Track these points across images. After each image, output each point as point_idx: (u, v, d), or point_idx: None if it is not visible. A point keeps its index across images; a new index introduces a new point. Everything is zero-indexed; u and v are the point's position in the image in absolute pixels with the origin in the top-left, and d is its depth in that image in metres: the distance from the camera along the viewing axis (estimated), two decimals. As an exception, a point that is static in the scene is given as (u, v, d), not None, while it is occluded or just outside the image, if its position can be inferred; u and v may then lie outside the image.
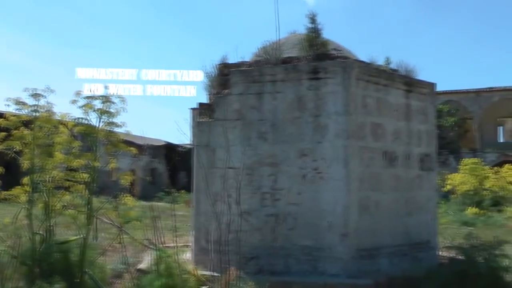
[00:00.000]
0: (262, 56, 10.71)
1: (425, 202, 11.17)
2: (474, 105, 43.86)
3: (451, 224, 22.46)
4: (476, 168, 30.55)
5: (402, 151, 10.65)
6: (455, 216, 25.08)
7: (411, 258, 10.34)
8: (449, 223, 22.85)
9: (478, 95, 43.96)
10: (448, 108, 42.53)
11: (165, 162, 49.91)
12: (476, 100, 43.88)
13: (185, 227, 16.24)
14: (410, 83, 11.00)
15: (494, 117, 45.74)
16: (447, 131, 41.71)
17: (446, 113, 42.01)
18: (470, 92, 44.15)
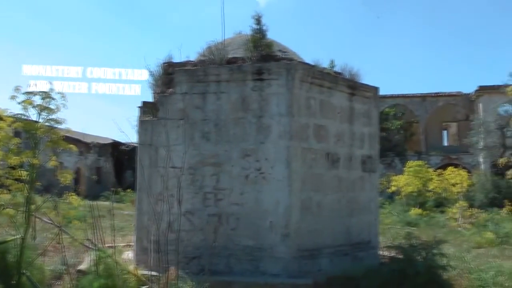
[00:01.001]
0: (207, 56, 10.67)
1: (367, 203, 11.37)
2: (420, 109, 44.78)
3: (395, 225, 22.89)
4: (420, 170, 31.18)
5: (345, 153, 10.81)
6: (399, 216, 25.57)
7: (352, 258, 10.53)
8: (393, 223, 23.30)
9: (424, 100, 44.88)
10: (395, 111, 43.40)
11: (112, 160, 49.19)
12: (422, 105, 44.81)
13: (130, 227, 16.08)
14: (353, 86, 11.17)
15: (439, 121, 46.80)
16: (393, 134, 42.55)
17: (392, 116, 42.86)
18: (416, 97, 45.04)
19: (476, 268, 11.10)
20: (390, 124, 42.22)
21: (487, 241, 17.45)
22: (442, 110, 45.53)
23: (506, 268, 10.80)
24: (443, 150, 44.87)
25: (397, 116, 43.29)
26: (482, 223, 22.54)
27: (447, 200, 29.79)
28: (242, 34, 12.09)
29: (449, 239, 18.07)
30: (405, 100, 45.20)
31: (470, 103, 43.36)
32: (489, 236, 18.03)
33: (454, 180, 31.11)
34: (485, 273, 10.33)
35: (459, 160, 41.52)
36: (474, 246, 16.83)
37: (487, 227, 20.78)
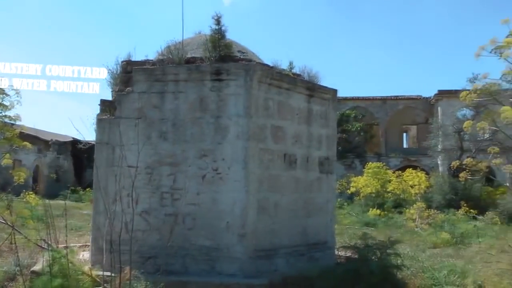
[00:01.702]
0: (166, 55, 10.62)
1: (324, 204, 11.45)
2: (380, 111, 45.35)
3: (354, 225, 23.19)
4: (379, 172, 31.64)
5: (302, 154, 10.87)
6: (358, 217, 25.91)
7: (308, 258, 10.58)
8: (352, 224, 23.60)
9: (385, 103, 45.48)
10: (355, 113, 43.85)
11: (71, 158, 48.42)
12: (383, 107, 45.40)
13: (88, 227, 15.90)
14: (312, 88, 11.25)
15: (399, 123, 47.49)
16: (353, 136, 43.02)
17: (353, 118, 43.29)
18: (377, 99, 45.61)
19: (430, 267, 11.32)
20: (350, 126, 42.67)
21: (442, 241, 17.82)
22: (402, 113, 46.20)
23: (458, 267, 11.07)
24: (403, 152, 45.52)
25: (358, 118, 43.73)
26: (438, 223, 22.99)
27: (406, 201, 30.30)
28: (202, 34, 12.09)
29: (405, 239, 18.39)
30: (366, 103, 45.73)
31: (429, 107, 44.09)
32: (445, 236, 18.43)
33: (413, 181, 31.73)
34: (438, 272, 10.55)
35: (418, 162, 42.16)
36: (430, 246, 17.15)
37: (443, 227, 21.21)
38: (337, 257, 11.81)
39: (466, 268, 10.82)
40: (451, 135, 36.82)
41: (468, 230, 20.65)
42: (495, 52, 7.46)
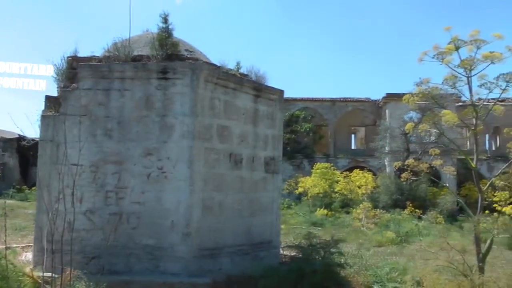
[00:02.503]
0: (113, 52, 10.52)
1: (269, 204, 11.54)
2: (329, 113, 45.71)
3: (301, 225, 23.39)
4: (327, 172, 32.01)
5: (248, 154, 10.94)
6: (305, 217, 26.11)
7: (252, 257, 10.64)
8: (299, 223, 23.78)
9: (334, 104, 45.84)
10: (305, 114, 44.14)
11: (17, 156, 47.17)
12: (332, 109, 45.77)
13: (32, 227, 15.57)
14: (259, 88, 11.32)
15: (347, 125, 47.99)
16: (302, 136, 43.30)
17: (302, 119, 43.58)
18: (326, 101, 45.93)
19: (373, 265, 11.54)
20: (299, 126, 42.95)
21: (387, 240, 18.23)
22: (350, 114, 46.71)
23: (400, 264, 11.34)
24: (351, 153, 46.00)
25: (307, 119, 44.00)
26: (384, 223, 23.48)
27: (353, 201, 30.75)
28: (149, 32, 12.00)
29: (351, 238, 18.73)
30: (315, 104, 46.03)
31: (377, 109, 44.67)
32: (390, 235, 18.86)
33: (360, 182, 32.24)
34: (381, 269, 10.77)
35: (365, 163, 42.70)
36: (375, 244, 17.50)
37: (388, 227, 21.67)
38: (282, 257, 11.92)
39: (407, 265, 11.08)
40: (398, 137, 37.52)
41: (412, 229, 21.20)
42: (437, 58, 7.69)
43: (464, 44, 7.56)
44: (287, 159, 41.28)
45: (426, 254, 9.87)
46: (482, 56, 7.45)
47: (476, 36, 7.45)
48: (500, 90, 7.60)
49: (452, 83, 7.74)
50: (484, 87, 7.63)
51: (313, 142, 44.42)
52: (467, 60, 7.50)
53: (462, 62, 7.56)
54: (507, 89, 7.58)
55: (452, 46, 7.57)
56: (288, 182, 35.16)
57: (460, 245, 11.23)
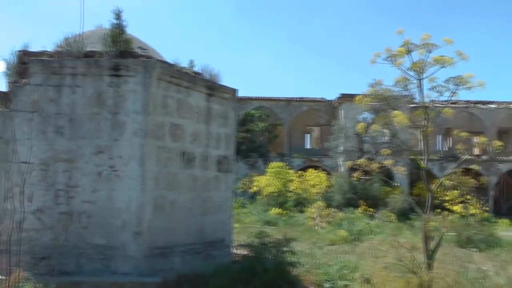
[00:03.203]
0: (64, 48, 10.34)
1: (222, 202, 11.54)
2: (284, 112, 45.96)
3: (255, 224, 23.43)
4: (281, 172, 32.18)
5: (201, 153, 10.91)
6: (259, 216, 26.19)
7: (205, 256, 10.63)
8: (253, 222, 23.84)
9: (289, 104, 46.12)
10: (260, 113, 44.24)
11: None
12: (287, 108, 46.03)
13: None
14: (212, 87, 11.30)
15: (302, 125, 48.31)
16: (257, 136, 43.35)
17: (257, 118, 43.66)
18: (281, 100, 46.18)
19: (325, 263, 11.68)
20: (255, 125, 43.00)
21: (340, 239, 18.48)
22: (305, 114, 47.05)
23: (351, 262, 11.51)
24: (306, 152, 46.33)
25: (262, 118, 44.11)
26: (337, 222, 23.76)
27: (307, 200, 30.97)
28: (102, 28, 11.85)
29: (305, 237, 18.88)
30: (270, 103, 46.21)
31: (332, 109, 45.16)
32: (343, 234, 19.11)
33: (314, 181, 32.52)
34: (332, 268, 10.92)
35: (320, 162, 43.11)
36: (328, 243, 17.68)
37: (342, 225, 21.95)
38: (234, 255, 11.93)
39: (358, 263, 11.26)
40: (352, 137, 38.06)
41: (365, 228, 21.55)
42: (389, 60, 7.83)
43: (416, 47, 7.72)
44: (242, 158, 41.34)
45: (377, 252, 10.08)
46: (433, 59, 7.61)
47: (427, 40, 7.62)
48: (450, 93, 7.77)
49: (403, 85, 7.88)
50: (434, 90, 7.80)
51: (268, 142, 44.57)
52: (418, 63, 7.66)
53: (413, 65, 7.72)
54: (457, 92, 7.76)
55: (403, 49, 7.71)
56: (242, 181, 35.21)
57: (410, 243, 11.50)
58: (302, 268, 10.82)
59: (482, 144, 45.13)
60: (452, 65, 7.48)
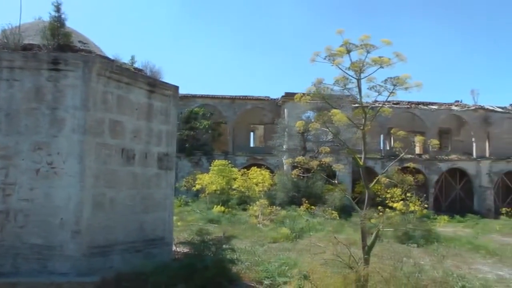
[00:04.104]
0: (1, 40, 10.03)
1: (162, 200, 11.44)
2: (229, 110, 45.94)
3: (198, 222, 23.36)
4: (225, 170, 32.17)
5: (141, 150, 10.79)
6: (202, 214, 26.14)
7: (145, 254, 10.50)
8: (196, 220, 23.76)
9: (233, 102, 46.15)
10: (204, 111, 44.07)
11: None
12: (231, 106, 46.04)
13: None
14: (153, 84, 11.18)
15: (246, 123, 48.40)
16: (201, 133, 43.17)
17: (201, 116, 43.48)
18: (225, 98, 46.16)
19: (265, 261, 11.76)
20: (198, 123, 42.81)
21: (282, 236, 18.60)
22: (250, 112, 47.20)
23: (291, 259, 11.63)
24: (250, 151, 46.49)
25: (206, 116, 43.95)
26: (280, 219, 23.93)
27: (250, 198, 31.05)
28: (41, 20, 11.57)
29: (247, 235, 18.95)
30: (215, 101, 46.17)
31: (276, 108, 45.43)
32: (285, 232, 19.24)
33: (257, 179, 32.63)
34: (272, 265, 11.01)
35: (264, 160, 43.32)
36: (270, 241, 17.78)
37: (284, 223, 22.12)
38: (175, 253, 11.87)
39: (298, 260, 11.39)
40: (295, 136, 38.33)
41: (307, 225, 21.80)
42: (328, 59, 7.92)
43: (355, 47, 7.82)
44: (185, 156, 41.16)
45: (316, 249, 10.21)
46: (371, 60, 7.74)
47: (366, 41, 7.74)
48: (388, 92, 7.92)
49: (343, 84, 7.99)
50: (373, 89, 7.93)
51: (212, 139, 44.44)
52: (357, 63, 7.78)
53: (352, 64, 7.83)
54: (395, 92, 7.91)
55: (343, 49, 7.81)
56: (186, 179, 35.03)
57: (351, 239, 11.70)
58: (242, 265, 10.88)
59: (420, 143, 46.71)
60: (390, 66, 7.62)
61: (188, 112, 42.94)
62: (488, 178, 45.76)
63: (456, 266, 13.89)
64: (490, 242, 21.19)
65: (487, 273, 13.59)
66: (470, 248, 19.10)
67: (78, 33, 11.35)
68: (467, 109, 48.35)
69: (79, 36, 11.25)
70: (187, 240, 11.56)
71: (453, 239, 21.25)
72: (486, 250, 18.33)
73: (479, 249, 18.67)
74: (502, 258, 16.89)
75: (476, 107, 48.28)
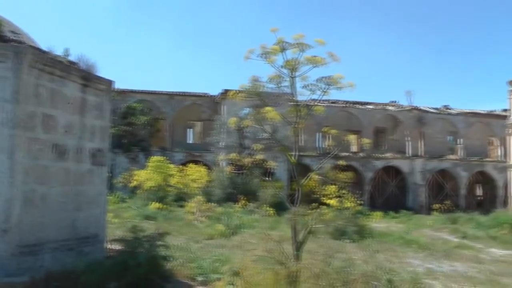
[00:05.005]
0: None
1: (96, 197, 11.21)
2: (167, 106, 45.55)
3: (134, 219, 23.06)
4: (162, 166, 31.90)
5: (74, 145, 10.50)
6: (139, 210, 25.83)
7: (77, 253, 10.24)
8: (132, 217, 23.45)
9: (172, 98, 45.79)
10: (142, 107, 43.51)
11: None
12: (169, 102, 45.66)
13: None
14: (87, 78, 10.91)
15: (185, 119, 48.11)
16: (139, 129, 42.61)
17: (139, 111, 42.90)
18: (164, 94, 45.77)
19: (200, 257, 11.76)
20: (136, 119, 42.26)
21: (218, 233, 18.63)
22: (188, 109, 46.96)
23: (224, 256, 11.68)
24: (188, 147, 46.27)
25: (144, 111, 43.40)
26: (217, 216, 23.96)
27: (187, 195, 30.92)
28: (-30, 10, 11.16)
29: (183, 231, 18.89)
30: (153, 97, 45.72)
31: (215, 105, 45.40)
32: (220, 228, 19.29)
33: (195, 176, 32.54)
34: (205, 261, 11.01)
35: (202, 157, 43.19)
36: (206, 237, 17.76)
37: (221, 220, 22.16)
38: (108, 251, 11.66)
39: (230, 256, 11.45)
40: (233, 133, 38.41)
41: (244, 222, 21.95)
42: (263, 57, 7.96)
43: (290, 46, 7.89)
44: (123, 152, 40.58)
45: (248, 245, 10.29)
46: (305, 59, 7.82)
47: (300, 40, 7.80)
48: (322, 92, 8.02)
49: (277, 82, 8.04)
50: (307, 88, 8.02)
51: (150, 136, 43.96)
52: (290, 61, 7.84)
53: (287, 63, 7.89)
54: (328, 91, 8.02)
55: (277, 47, 7.86)
56: (123, 175, 34.55)
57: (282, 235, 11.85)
58: (176, 262, 10.83)
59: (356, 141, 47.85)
60: (324, 65, 7.72)
61: (126, 107, 42.34)
62: (421, 175, 47.44)
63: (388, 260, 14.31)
64: (421, 237, 21.97)
65: (417, 266, 14.05)
66: (402, 242, 19.72)
67: (9, 22, 10.97)
68: (402, 109, 49.91)
69: (10, 26, 10.89)
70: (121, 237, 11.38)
71: (386, 234, 21.89)
72: (418, 245, 19.01)
73: (411, 244, 19.32)
74: (433, 252, 17.50)
75: (411, 107, 49.92)
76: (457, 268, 14.39)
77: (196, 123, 51.01)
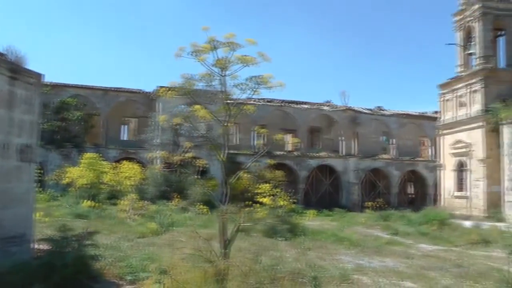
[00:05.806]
0: None
1: (24, 194, 10.85)
2: (101, 102, 44.71)
3: (66, 217, 22.61)
4: (95, 163, 31.35)
5: (1, 140, 10.14)
6: (71, 209, 25.35)
7: (3, 253, 9.89)
8: (64, 216, 22.98)
9: (106, 93, 44.99)
10: (76, 102, 42.57)
11: None
12: (104, 98, 44.84)
13: None
14: (16, 70, 10.55)
15: (119, 116, 47.35)
16: (73, 125, 41.67)
17: (73, 107, 41.95)
18: (98, 89, 44.88)
19: (130, 256, 11.65)
20: (70, 114, 41.32)
21: (150, 231, 18.51)
22: (123, 105, 46.30)
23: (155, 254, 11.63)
24: (122, 144, 45.59)
25: (78, 107, 42.45)
26: (150, 214, 23.80)
27: (121, 192, 30.53)
28: None
29: (116, 230, 18.66)
30: (87, 92, 44.80)
31: (150, 101, 44.90)
32: (153, 226, 19.17)
33: (128, 173, 32.16)
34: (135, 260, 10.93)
35: (136, 154, 42.63)
36: (138, 236, 17.60)
37: (154, 218, 22.03)
38: (36, 251, 11.34)
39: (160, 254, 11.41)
40: (167, 130, 38.15)
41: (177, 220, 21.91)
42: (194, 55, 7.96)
43: (221, 45, 7.93)
44: (55, 148, 39.61)
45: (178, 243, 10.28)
46: (236, 58, 7.88)
47: (231, 39, 7.86)
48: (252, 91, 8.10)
49: (208, 80, 8.07)
50: (238, 87, 8.08)
51: (84, 132, 43.05)
52: (221, 60, 7.89)
53: (217, 61, 7.93)
54: (258, 90, 8.11)
55: (208, 46, 7.89)
56: (55, 172, 33.74)
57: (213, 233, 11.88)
58: (105, 262, 10.68)
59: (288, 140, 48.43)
60: (255, 65, 7.80)
61: (60, 102, 41.32)
62: (355, 174, 48.53)
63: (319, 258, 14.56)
64: (353, 234, 22.45)
65: (348, 263, 14.32)
66: (334, 240, 20.10)
67: None
68: (337, 109, 51.00)
69: None
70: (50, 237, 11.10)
71: (320, 232, 22.26)
72: (350, 242, 19.41)
73: (343, 241, 19.71)
74: (364, 248, 17.91)
75: (345, 108, 51.06)
76: (387, 263, 14.75)
77: (131, 120, 50.34)
